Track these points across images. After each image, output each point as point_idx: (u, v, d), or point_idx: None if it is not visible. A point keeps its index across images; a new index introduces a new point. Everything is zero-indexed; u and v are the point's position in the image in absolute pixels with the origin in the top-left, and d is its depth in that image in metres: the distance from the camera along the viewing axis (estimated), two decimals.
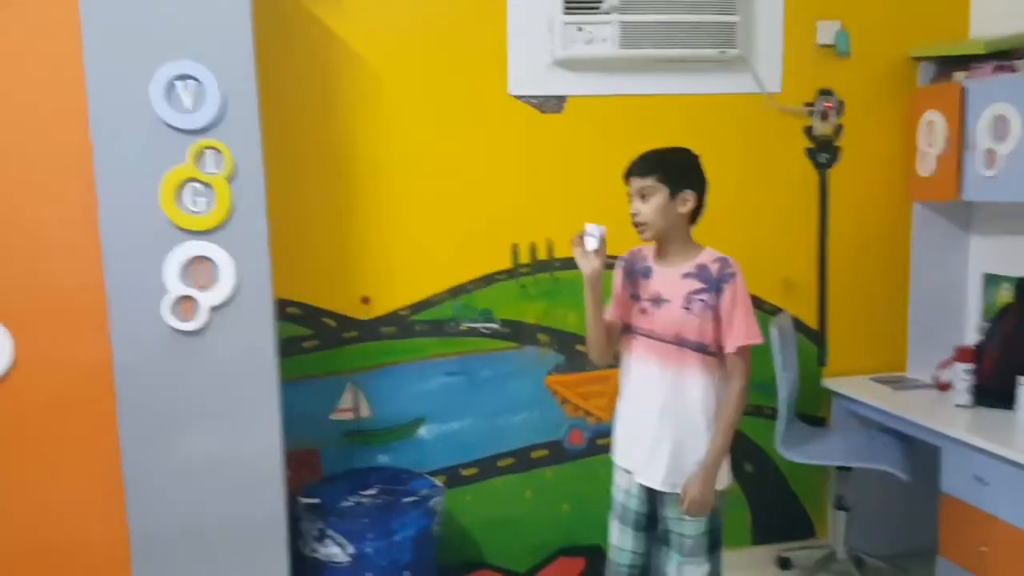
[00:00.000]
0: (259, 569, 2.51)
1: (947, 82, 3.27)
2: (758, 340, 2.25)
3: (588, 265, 2.26)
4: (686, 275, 2.26)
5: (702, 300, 2.23)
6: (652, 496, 2.36)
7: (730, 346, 2.24)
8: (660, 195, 2.24)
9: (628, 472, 2.38)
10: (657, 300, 2.28)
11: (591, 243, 2.26)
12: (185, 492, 2.43)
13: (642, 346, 2.32)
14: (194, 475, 2.43)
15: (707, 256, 2.28)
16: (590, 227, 2.26)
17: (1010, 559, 2.56)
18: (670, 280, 2.28)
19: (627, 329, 2.37)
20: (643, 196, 2.25)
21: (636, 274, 2.36)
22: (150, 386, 2.38)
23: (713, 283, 2.23)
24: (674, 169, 2.26)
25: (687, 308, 2.23)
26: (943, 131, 3.21)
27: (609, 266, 2.36)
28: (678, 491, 2.27)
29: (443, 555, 2.93)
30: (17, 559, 2.35)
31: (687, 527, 2.29)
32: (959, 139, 3.14)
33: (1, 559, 2.35)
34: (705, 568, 2.31)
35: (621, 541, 2.41)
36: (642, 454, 2.31)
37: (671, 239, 2.28)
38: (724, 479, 2.32)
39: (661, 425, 2.27)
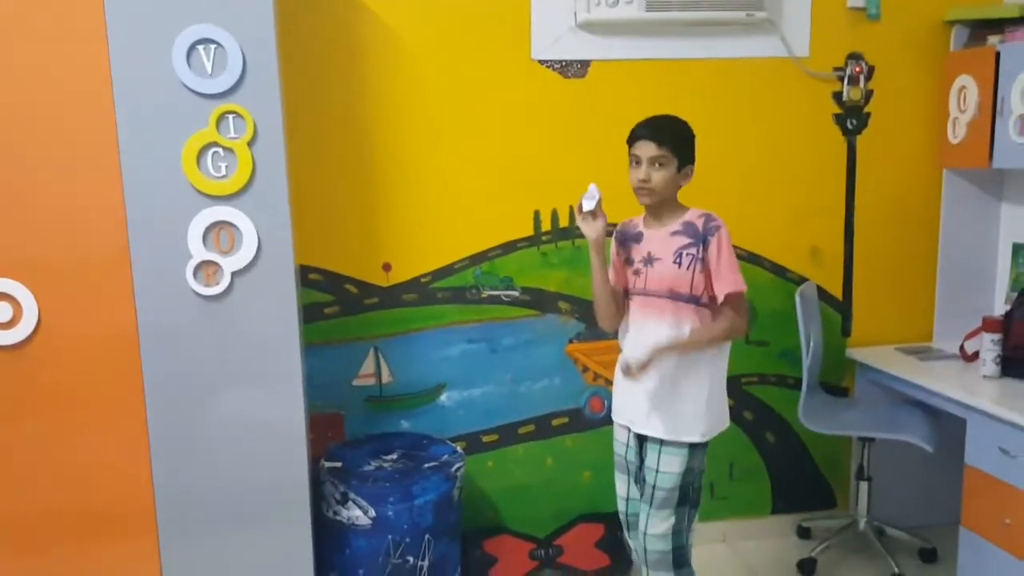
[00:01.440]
0: (282, 531, 2.54)
1: (981, 46, 3.19)
2: (742, 287, 2.34)
3: (592, 229, 2.36)
4: (674, 233, 2.36)
5: (691, 254, 2.32)
6: (642, 448, 2.46)
7: (720, 292, 2.32)
8: (671, 166, 2.32)
9: (625, 427, 2.48)
10: (648, 260, 2.37)
11: (587, 204, 2.34)
12: (210, 455, 2.46)
13: (637, 304, 2.41)
14: (219, 438, 2.46)
15: (692, 214, 2.38)
16: (591, 188, 2.35)
17: None
18: (659, 239, 2.37)
19: (625, 294, 2.47)
20: (657, 164, 2.31)
21: (628, 241, 2.45)
22: (175, 350, 2.40)
23: (700, 236, 2.32)
24: (685, 143, 2.35)
25: (677, 263, 2.33)
26: (975, 97, 3.14)
27: (609, 234, 2.42)
28: (671, 438, 2.36)
29: (464, 520, 2.96)
30: (45, 521, 2.40)
31: (660, 479, 2.37)
32: (992, 105, 3.07)
33: (30, 521, 2.39)
34: (670, 521, 2.38)
35: (628, 491, 2.53)
36: (641, 408, 2.39)
37: (664, 204, 2.37)
38: (717, 424, 2.42)
39: (658, 379, 2.35)
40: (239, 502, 2.50)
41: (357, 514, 2.69)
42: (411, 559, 2.72)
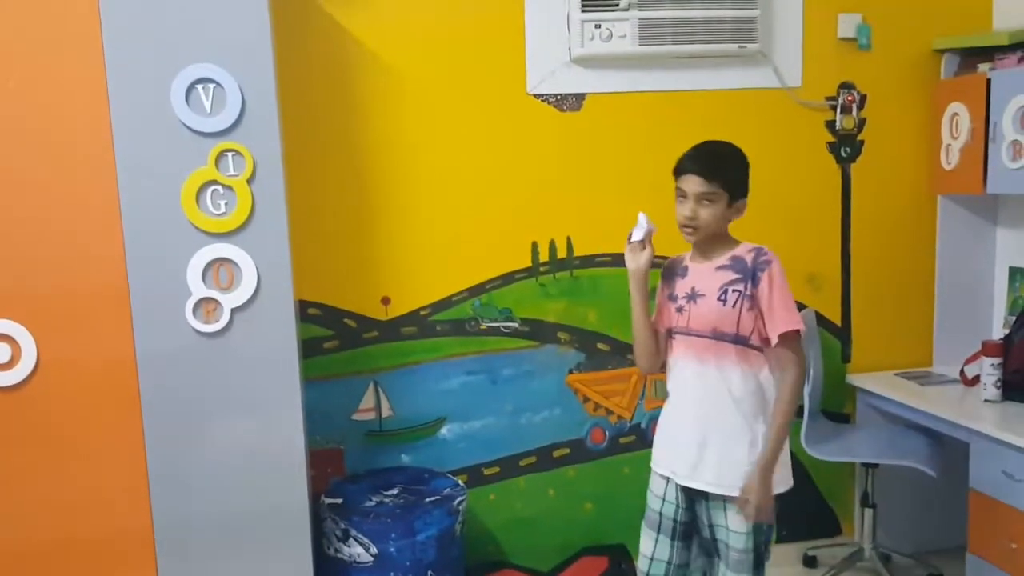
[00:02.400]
0: (283, 567, 2.52)
1: (971, 74, 3.23)
2: (799, 327, 2.15)
3: (633, 261, 2.22)
4: (720, 267, 2.19)
5: (737, 290, 2.14)
6: (692, 502, 2.26)
7: (773, 335, 2.14)
8: (721, 202, 2.15)
9: (666, 479, 2.28)
10: (692, 296, 2.21)
11: (636, 234, 2.20)
12: (210, 490, 2.45)
13: (680, 345, 2.24)
14: (218, 474, 2.45)
15: (742, 248, 2.21)
16: (641, 218, 2.21)
17: None
18: (705, 274, 2.21)
19: (668, 333, 2.30)
20: (705, 200, 2.13)
21: (674, 276, 2.29)
22: (174, 387, 2.40)
23: (748, 272, 2.15)
24: (736, 175, 2.18)
25: (722, 300, 2.14)
26: (967, 123, 3.17)
27: (657, 266, 2.30)
28: (725, 493, 2.16)
29: (467, 555, 2.93)
30: (47, 555, 2.38)
31: (733, 538, 2.17)
32: (984, 131, 3.10)
33: (32, 555, 2.37)
34: None
35: (658, 552, 2.29)
36: (687, 456, 2.20)
37: (713, 239, 2.21)
38: (784, 481, 2.22)
39: (704, 424, 2.18)
40: (239, 538, 2.48)
41: (359, 551, 2.66)
42: None
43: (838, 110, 3.33)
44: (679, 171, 2.18)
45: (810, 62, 3.28)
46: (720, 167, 2.15)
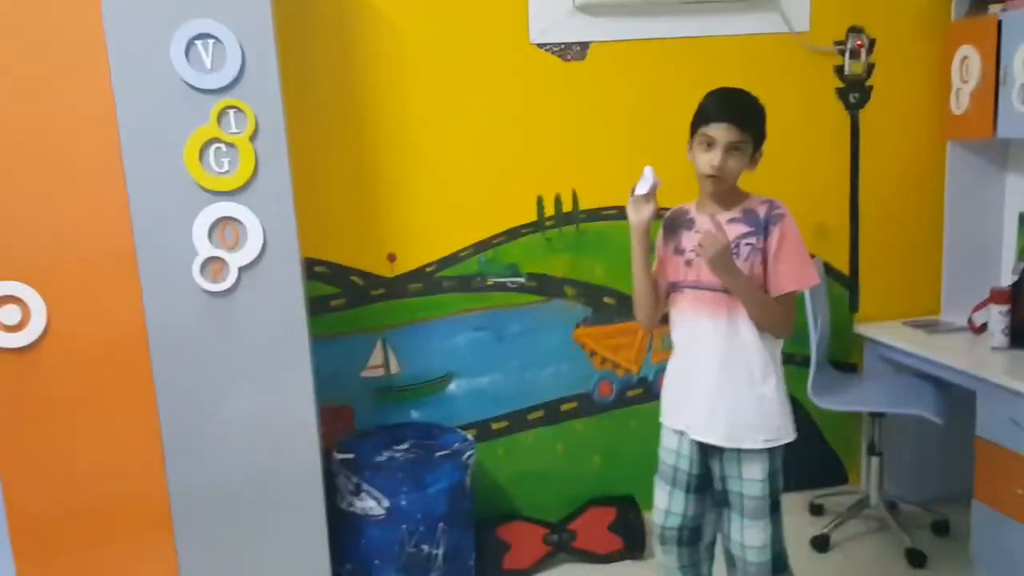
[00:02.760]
0: (297, 523, 2.55)
1: (983, 16, 3.16)
2: (808, 283, 2.15)
3: (636, 214, 2.16)
4: (732, 220, 2.15)
5: (750, 243, 2.11)
6: (705, 456, 2.25)
7: (774, 291, 2.13)
8: (748, 152, 2.10)
9: (679, 433, 2.27)
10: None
11: (641, 187, 2.13)
12: (222, 450, 2.47)
13: (689, 299, 2.19)
14: (230, 432, 2.47)
15: (754, 200, 2.17)
16: (646, 171, 2.13)
17: None
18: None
19: (672, 287, 2.25)
20: (734, 150, 2.07)
21: (679, 228, 2.23)
22: (184, 347, 2.40)
23: (761, 225, 2.12)
24: (762, 126, 2.12)
25: (735, 253, 2.09)
26: (978, 67, 3.12)
27: (659, 217, 2.24)
28: (739, 446, 2.16)
29: (477, 507, 2.97)
30: (62, 521, 2.41)
31: (749, 487, 2.18)
32: (994, 75, 3.05)
33: (46, 521, 2.40)
34: (768, 530, 2.20)
35: (671, 505, 2.29)
36: (700, 410, 2.19)
37: (726, 190, 2.15)
38: (786, 432, 2.21)
39: (720, 378, 2.16)
40: (253, 496, 2.51)
41: (371, 505, 2.70)
42: (426, 548, 2.73)
43: (847, 55, 3.27)
44: (707, 117, 2.09)
45: (818, 6, 3.22)
46: (750, 116, 2.10)
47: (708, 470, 2.28)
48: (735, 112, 2.07)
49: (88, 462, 2.40)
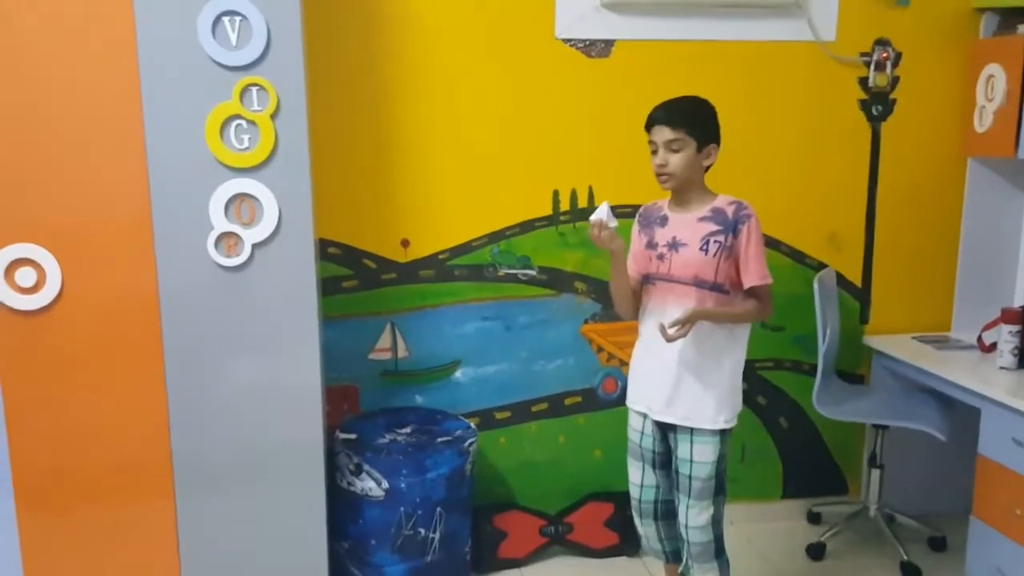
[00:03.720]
0: (297, 497, 2.58)
1: (1010, 35, 3.14)
2: (768, 280, 2.33)
3: (614, 244, 2.31)
4: (702, 219, 2.32)
5: (718, 242, 2.29)
6: (665, 435, 2.43)
7: (747, 283, 2.31)
8: (689, 148, 2.29)
9: (642, 415, 2.46)
10: (673, 244, 2.34)
11: (598, 220, 2.27)
12: (227, 421, 2.50)
13: (660, 290, 2.37)
14: (236, 404, 2.50)
15: (722, 200, 2.35)
16: (600, 210, 2.27)
17: None
18: (686, 224, 2.34)
19: (645, 279, 2.43)
20: (673, 148, 2.28)
21: (652, 224, 2.42)
22: (194, 319, 2.44)
23: (729, 224, 2.30)
24: (702, 123, 2.31)
25: (703, 250, 2.29)
26: (1003, 85, 3.10)
27: (632, 215, 2.46)
28: (693, 425, 2.34)
29: (476, 495, 2.99)
30: (65, 479, 2.45)
31: (695, 468, 2.35)
32: (1020, 94, 3.03)
33: (50, 480, 2.45)
34: (710, 511, 2.37)
35: (645, 480, 2.51)
36: (662, 393, 2.37)
37: (690, 188, 2.34)
38: (738, 407, 2.39)
39: (681, 363, 2.33)
40: (255, 469, 2.54)
41: (370, 485, 2.73)
42: (422, 531, 2.76)
43: (872, 67, 3.26)
44: (648, 124, 2.33)
45: (846, 16, 3.20)
46: (686, 116, 2.29)
47: (668, 448, 2.44)
48: (666, 114, 2.29)
49: (94, 425, 2.44)
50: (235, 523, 2.55)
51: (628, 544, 3.17)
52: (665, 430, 2.43)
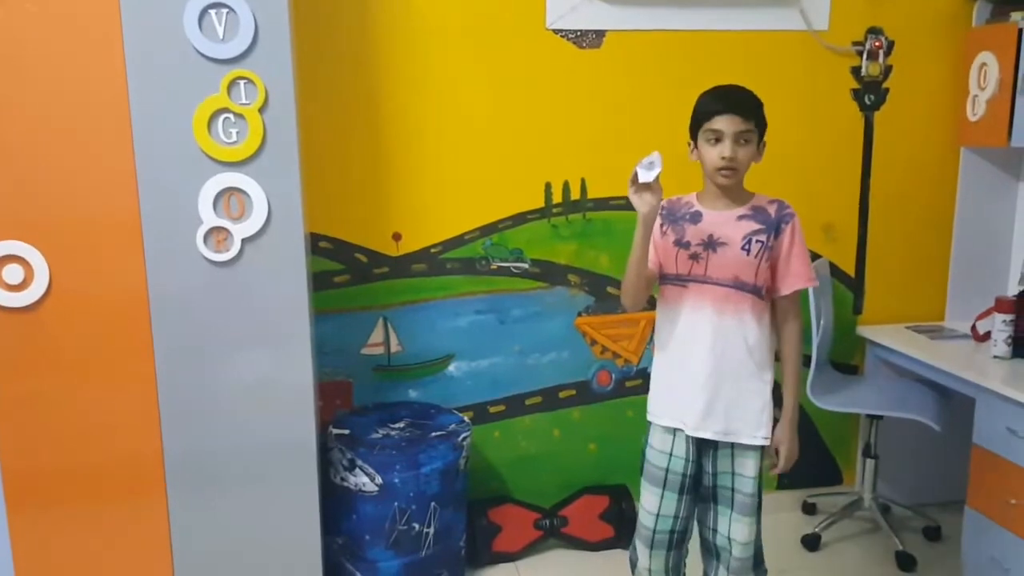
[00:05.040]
0: (291, 494, 2.57)
1: (1003, 23, 3.13)
2: (815, 283, 2.23)
3: (643, 204, 2.07)
4: (742, 217, 2.16)
5: (760, 241, 2.13)
6: (700, 454, 2.25)
7: (787, 288, 2.17)
8: (754, 141, 2.12)
9: (672, 432, 2.25)
10: (710, 243, 2.16)
11: (644, 175, 2.03)
12: (219, 417, 2.48)
13: (694, 293, 2.18)
14: (227, 401, 2.48)
15: (761, 199, 2.20)
16: (654, 156, 2.04)
17: None
18: (725, 222, 2.16)
19: (668, 278, 2.25)
20: (743, 140, 2.09)
21: (680, 220, 2.21)
22: (184, 314, 2.41)
23: (772, 224, 2.15)
24: (763, 116, 2.14)
25: (745, 249, 2.13)
26: (996, 74, 3.09)
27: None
28: (736, 440, 2.18)
29: (470, 489, 2.98)
30: (56, 479, 2.43)
31: (745, 483, 2.20)
32: (1012, 83, 3.02)
33: (41, 479, 2.43)
34: (754, 528, 2.24)
35: (664, 508, 2.25)
36: (697, 407, 2.18)
37: (735, 185, 2.16)
38: (768, 433, 2.23)
39: (719, 374, 2.16)
40: (247, 465, 2.52)
41: (364, 481, 2.71)
42: (417, 526, 2.75)
43: (864, 56, 3.25)
44: (709, 113, 2.10)
45: (838, 5, 3.20)
46: (752, 105, 2.11)
47: (700, 468, 2.27)
48: (738, 103, 2.09)
49: (84, 422, 2.41)
50: (228, 520, 2.53)
51: (623, 536, 3.16)
52: (700, 448, 2.24)
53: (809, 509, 3.47)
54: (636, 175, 2.06)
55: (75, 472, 2.44)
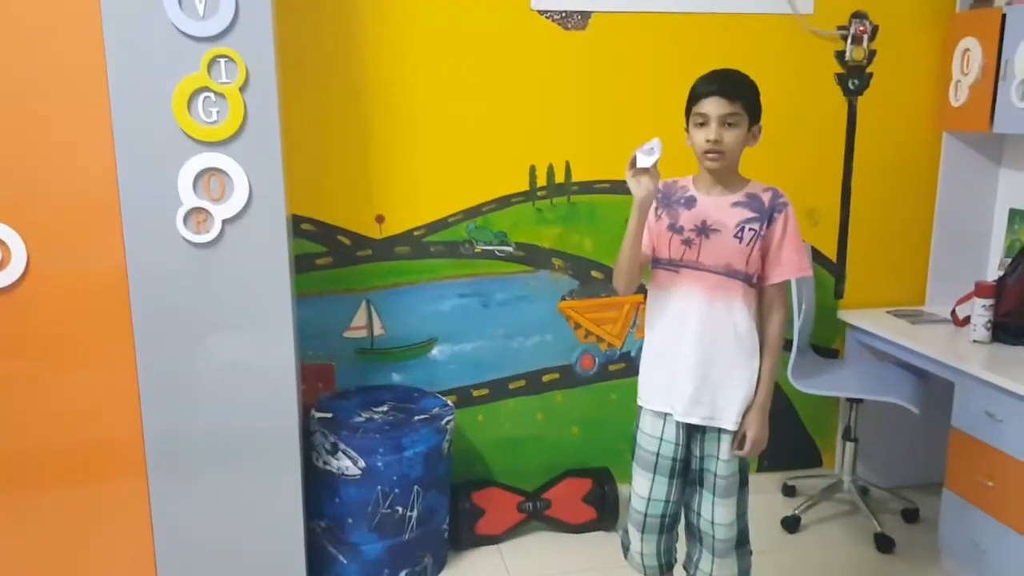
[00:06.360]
0: (273, 477, 2.56)
1: (987, 8, 3.14)
2: (806, 272, 2.21)
3: (640, 189, 2.06)
4: (736, 204, 2.15)
5: (753, 229, 2.13)
6: (689, 438, 2.25)
7: (775, 278, 2.17)
8: (743, 125, 2.09)
9: (662, 416, 2.25)
10: (703, 229, 2.14)
11: (643, 160, 2.02)
12: (200, 401, 2.47)
13: (686, 278, 2.18)
14: (209, 384, 2.46)
15: (756, 186, 2.18)
16: (654, 143, 2.03)
17: (1015, 493, 2.57)
18: (718, 208, 2.15)
19: (660, 263, 2.23)
20: (728, 123, 2.07)
21: (674, 204, 2.19)
22: (165, 296, 2.39)
23: (765, 212, 2.14)
24: (755, 99, 2.12)
25: (738, 237, 2.12)
26: (979, 59, 3.10)
27: None
28: (723, 425, 2.19)
29: (454, 472, 2.98)
30: (36, 460, 2.41)
31: (723, 467, 2.21)
32: (995, 68, 3.03)
33: (20, 461, 2.40)
34: (735, 507, 2.26)
35: (655, 492, 2.26)
36: (687, 391, 2.18)
37: (727, 170, 2.15)
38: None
39: (708, 360, 2.17)
40: (229, 448, 2.51)
41: (347, 464, 2.70)
42: (400, 509, 2.74)
43: (849, 40, 3.25)
44: (697, 96, 2.10)
45: None
46: (740, 88, 2.09)
47: (689, 452, 2.28)
48: (723, 85, 2.07)
49: (63, 406, 2.39)
50: (210, 504, 2.52)
51: (605, 519, 3.17)
52: (689, 432, 2.25)
53: (789, 491, 3.50)
54: (635, 159, 2.04)
55: (55, 456, 2.42)
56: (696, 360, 2.17)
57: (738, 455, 2.20)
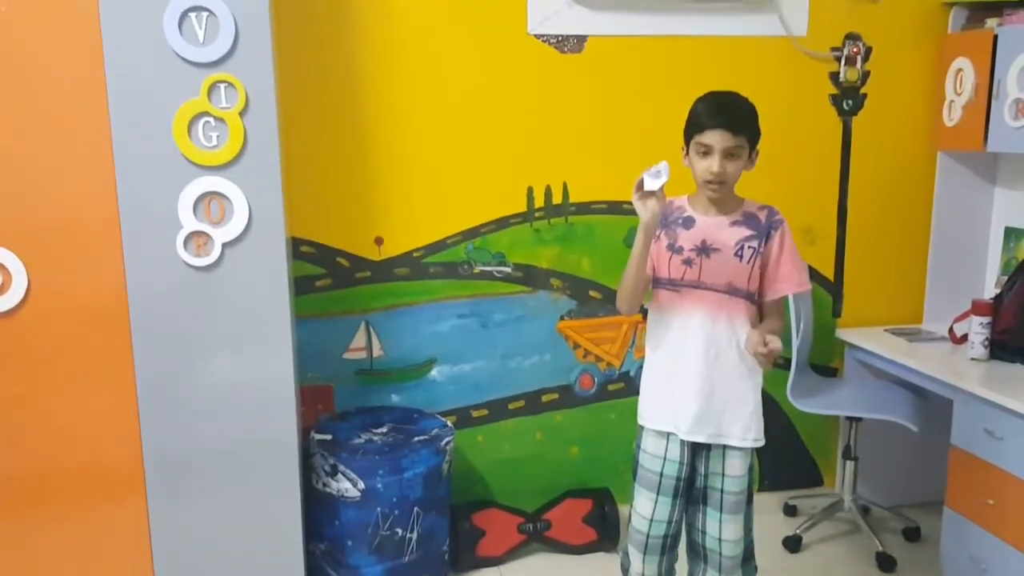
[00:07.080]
0: (272, 499, 2.55)
1: (979, 29, 3.18)
2: (805, 287, 2.23)
3: (646, 212, 2.06)
4: (734, 223, 2.17)
5: (752, 247, 2.15)
6: (694, 457, 2.24)
7: (773, 294, 2.20)
8: (744, 155, 2.10)
9: (665, 436, 2.24)
10: (704, 249, 2.16)
11: (650, 183, 2.02)
12: (200, 423, 2.47)
13: (687, 299, 2.18)
14: (209, 407, 2.46)
15: (751, 205, 2.21)
16: (662, 166, 2.02)
17: (1017, 512, 2.56)
18: (717, 228, 2.17)
19: (661, 283, 2.24)
20: (731, 155, 2.07)
21: (672, 224, 2.21)
22: (165, 319, 2.40)
23: (763, 230, 2.17)
24: (756, 127, 2.13)
25: (738, 255, 2.15)
26: (972, 79, 3.13)
27: None
28: (728, 443, 2.19)
29: (453, 493, 2.98)
30: (37, 482, 2.41)
31: (728, 483, 2.21)
32: (988, 88, 3.06)
33: (21, 482, 2.40)
34: (742, 524, 2.26)
35: (658, 513, 2.24)
36: (691, 410, 2.18)
37: (727, 194, 2.17)
38: (758, 435, 2.23)
39: (711, 378, 2.17)
40: (229, 470, 2.51)
41: (347, 486, 2.70)
42: (400, 531, 2.74)
43: (842, 61, 3.28)
44: (700, 126, 2.09)
45: (816, 11, 3.23)
46: (744, 120, 2.10)
47: (694, 470, 2.27)
48: (729, 118, 2.07)
49: (64, 427, 2.39)
50: (209, 526, 2.52)
51: (606, 540, 3.16)
52: (694, 451, 2.24)
53: (790, 511, 3.48)
54: (641, 182, 2.05)
55: (55, 475, 2.42)
56: (701, 378, 2.18)
57: (760, 352, 2.08)
